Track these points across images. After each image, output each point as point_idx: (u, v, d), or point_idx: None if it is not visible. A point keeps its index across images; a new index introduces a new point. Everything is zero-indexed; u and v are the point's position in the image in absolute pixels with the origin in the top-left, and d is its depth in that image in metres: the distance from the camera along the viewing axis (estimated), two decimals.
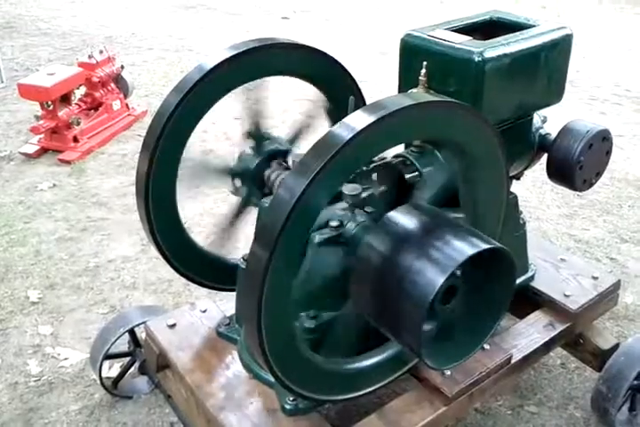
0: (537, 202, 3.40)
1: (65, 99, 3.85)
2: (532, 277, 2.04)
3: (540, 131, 1.89)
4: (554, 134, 1.88)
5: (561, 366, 2.32)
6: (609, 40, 6.23)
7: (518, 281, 1.96)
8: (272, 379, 1.42)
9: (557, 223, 3.22)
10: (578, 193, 3.38)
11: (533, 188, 3.48)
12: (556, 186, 2.08)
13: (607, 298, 2.07)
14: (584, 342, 2.07)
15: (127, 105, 4.29)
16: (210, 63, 1.61)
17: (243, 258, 1.69)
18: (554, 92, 1.80)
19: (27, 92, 3.69)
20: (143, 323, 1.96)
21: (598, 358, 2.05)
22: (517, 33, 1.68)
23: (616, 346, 2.03)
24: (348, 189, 1.44)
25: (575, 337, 2.06)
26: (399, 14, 6.91)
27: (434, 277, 1.22)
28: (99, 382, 2.12)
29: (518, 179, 1.99)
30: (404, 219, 1.36)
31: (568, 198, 3.42)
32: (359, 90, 1.89)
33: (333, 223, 1.44)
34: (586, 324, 2.06)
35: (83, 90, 4.09)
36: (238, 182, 1.74)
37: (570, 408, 2.15)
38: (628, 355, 1.95)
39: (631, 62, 5.67)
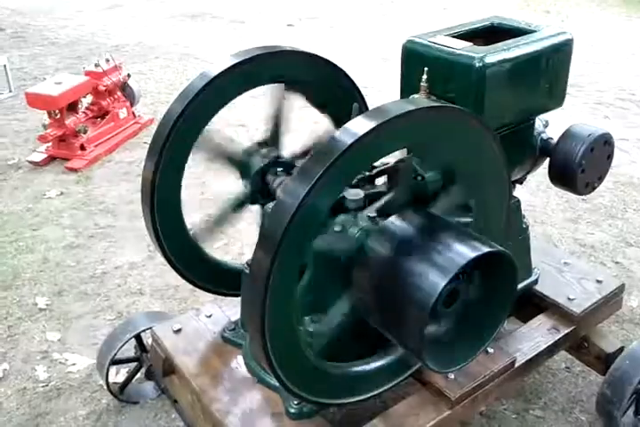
0: (542, 206, 3.40)
1: (72, 107, 3.89)
2: (535, 281, 2.04)
3: (542, 135, 1.90)
4: (556, 138, 1.89)
5: (566, 369, 2.31)
6: (613, 44, 6.24)
7: (522, 285, 1.97)
8: (276, 383, 1.43)
9: (562, 227, 3.22)
10: (582, 197, 3.38)
11: (538, 192, 3.49)
12: (560, 190, 2.10)
13: (611, 301, 2.07)
14: (588, 346, 2.07)
15: (134, 113, 4.32)
16: (214, 71, 1.63)
17: (247, 263, 1.70)
18: (555, 96, 1.81)
19: (34, 100, 3.72)
20: (149, 328, 1.98)
21: (603, 361, 2.05)
22: (518, 38, 1.69)
23: (621, 349, 2.03)
24: (350, 193, 1.45)
25: (579, 341, 2.06)
26: (402, 21, 6.94)
27: (436, 281, 1.24)
28: (106, 387, 2.13)
29: (521, 183, 2.00)
30: (405, 223, 1.37)
31: (573, 202, 3.43)
32: (362, 96, 1.90)
33: (336, 228, 1.45)
34: (590, 327, 2.06)
35: (90, 98, 4.12)
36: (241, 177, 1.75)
37: (575, 412, 2.15)
38: (632, 358, 1.95)
39: (635, 66, 5.67)
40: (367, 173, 1.57)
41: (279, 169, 1.73)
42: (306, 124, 2.60)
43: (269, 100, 1.74)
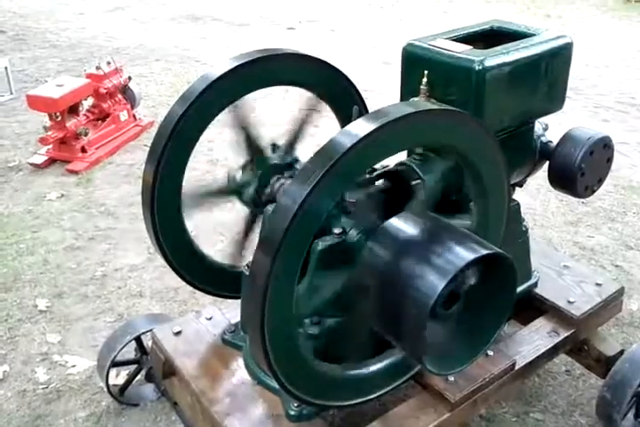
0: (541, 209, 3.40)
1: (73, 110, 3.89)
2: (535, 284, 2.05)
3: (542, 138, 1.90)
4: (555, 142, 1.89)
5: (566, 372, 2.31)
6: (613, 48, 6.25)
7: (522, 288, 1.97)
8: (276, 385, 1.43)
9: (562, 231, 3.22)
10: (582, 200, 3.39)
11: (538, 195, 3.49)
12: (560, 193, 2.10)
13: (611, 304, 2.07)
14: (588, 349, 2.07)
15: (134, 116, 4.33)
16: (215, 73, 1.63)
17: (247, 265, 1.70)
18: (554, 99, 1.82)
19: (35, 103, 3.73)
20: (150, 331, 1.99)
21: (603, 364, 2.05)
22: (518, 42, 1.70)
23: (620, 353, 2.03)
24: (350, 195, 1.45)
25: (579, 344, 2.06)
26: (403, 24, 6.96)
27: (435, 282, 1.24)
28: (106, 389, 2.13)
29: (521, 186, 2.01)
30: (405, 225, 1.38)
31: (573, 206, 3.43)
32: (362, 99, 1.91)
33: (336, 230, 1.45)
34: (590, 330, 2.06)
35: (91, 101, 4.13)
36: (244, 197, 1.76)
37: (575, 415, 2.15)
38: (632, 362, 1.95)
39: (635, 70, 5.67)
40: (367, 176, 1.58)
41: (275, 176, 1.74)
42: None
43: (301, 107, 1.73)
